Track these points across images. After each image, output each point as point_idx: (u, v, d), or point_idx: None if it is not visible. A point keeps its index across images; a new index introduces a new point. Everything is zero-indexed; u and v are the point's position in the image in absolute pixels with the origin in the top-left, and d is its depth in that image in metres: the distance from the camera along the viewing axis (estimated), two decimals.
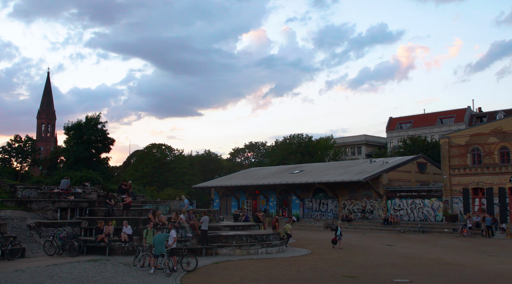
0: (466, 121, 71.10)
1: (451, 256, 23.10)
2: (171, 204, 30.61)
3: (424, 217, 42.09)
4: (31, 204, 24.50)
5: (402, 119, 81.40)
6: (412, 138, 64.62)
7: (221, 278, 15.62)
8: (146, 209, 25.90)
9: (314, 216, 50.42)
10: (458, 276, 16.73)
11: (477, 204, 39.91)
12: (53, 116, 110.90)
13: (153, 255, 16.70)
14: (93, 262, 18.49)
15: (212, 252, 21.57)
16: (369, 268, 18.37)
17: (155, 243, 16.71)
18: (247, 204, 57.62)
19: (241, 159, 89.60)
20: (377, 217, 44.79)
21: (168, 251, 16.87)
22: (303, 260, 20.93)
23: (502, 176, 38.22)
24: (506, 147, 38.61)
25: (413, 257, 22.28)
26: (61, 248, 20.30)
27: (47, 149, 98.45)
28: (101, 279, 14.85)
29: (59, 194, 25.90)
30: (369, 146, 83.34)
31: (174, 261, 16.91)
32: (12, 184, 28.88)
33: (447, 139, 42.31)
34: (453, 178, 41.11)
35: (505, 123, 39.52)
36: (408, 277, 16.24)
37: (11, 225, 21.28)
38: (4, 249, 18.43)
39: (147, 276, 15.61)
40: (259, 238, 23.34)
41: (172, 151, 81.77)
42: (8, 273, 15.52)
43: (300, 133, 76.20)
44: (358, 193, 47.02)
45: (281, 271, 17.39)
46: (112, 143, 55.16)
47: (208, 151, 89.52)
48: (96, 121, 53.49)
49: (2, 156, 54.31)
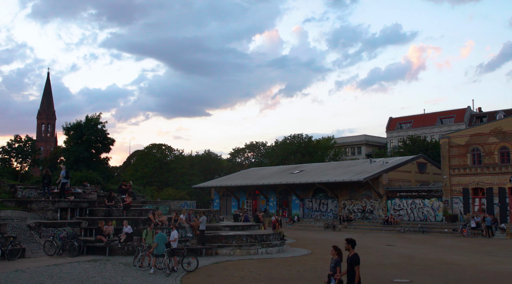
0: (466, 121, 71.10)
1: (451, 256, 23.11)
2: (171, 204, 30.61)
3: (424, 217, 42.08)
4: (31, 204, 24.49)
5: (402, 119, 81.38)
6: (412, 138, 64.60)
7: (221, 278, 15.62)
8: (146, 209, 25.90)
9: (314, 216, 50.41)
10: (458, 276, 16.74)
11: (477, 204, 39.91)
12: (53, 117, 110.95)
13: (154, 255, 16.70)
14: (93, 262, 18.49)
15: (212, 252, 21.58)
16: (369, 268, 18.37)
17: (157, 242, 16.72)
18: (247, 204, 57.63)
19: (241, 159, 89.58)
20: (377, 217, 44.79)
21: (169, 251, 16.88)
22: (303, 260, 20.94)
23: (502, 176, 38.22)
24: (506, 147, 38.61)
25: (413, 257, 22.28)
26: (61, 248, 20.29)
27: (47, 149, 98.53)
28: (101, 279, 14.85)
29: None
30: (369, 146, 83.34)
31: (174, 261, 16.92)
32: (12, 184, 28.85)
33: (447, 140, 42.31)
34: (453, 178, 41.11)
35: (505, 123, 39.52)
36: (408, 277, 16.24)
37: (11, 225, 21.28)
38: (4, 249, 18.43)
39: (147, 276, 15.61)
40: (259, 238, 23.35)
41: (172, 151, 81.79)
42: (8, 273, 15.52)
43: (300, 134, 76.31)
44: (358, 193, 47.02)
45: (281, 271, 17.39)
46: (112, 143, 55.15)
47: (208, 151, 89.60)
48: (96, 122, 53.49)
49: (2, 156, 54.34)
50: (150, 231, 18.85)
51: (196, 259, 17.66)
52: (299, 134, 76.06)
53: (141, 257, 17.54)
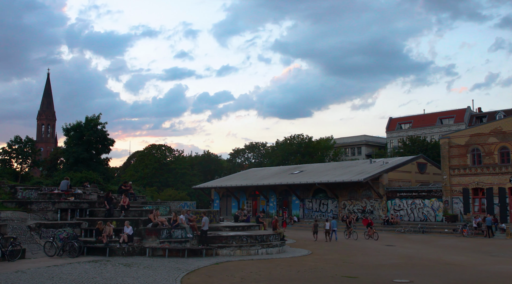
0: (466, 121, 71.10)
1: (451, 256, 23.11)
2: (171, 204, 30.62)
3: (424, 217, 42.10)
4: (31, 205, 24.49)
5: (402, 119, 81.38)
6: (412, 138, 64.61)
7: (221, 279, 15.62)
8: (146, 210, 25.91)
9: (314, 216, 50.40)
10: (458, 276, 16.73)
11: (477, 204, 39.92)
12: (53, 117, 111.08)
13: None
14: (93, 263, 18.49)
15: (212, 253, 21.58)
16: (369, 269, 18.38)
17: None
18: (247, 205, 57.63)
19: (241, 160, 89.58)
20: (377, 217, 44.79)
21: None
22: (303, 260, 20.94)
23: (502, 176, 38.23)
24: (506, 147, 38.62)
25: (413, 257, 22.29)
26: (61, 249, 20.30)
27: (47, 149, 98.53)
28: (101, 280, 14.85)
29: (59, 194, 25.91)
30: (369, 146, 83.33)
31: None
32: (12, 185, 28.85)
33: (447, 140, 42.32)
34: (453, 178, 41.12)
35: (505, 123, 39.53)
36: (408, 277, 16.24)
37: (11, 226, 21.28)
38: (4, 250, 18.43)
39: (147, 277, 15.61)
40: (259, 239, 23.35)
41: (172, 151, 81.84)
42: (8, 274, 15.53)
43: (300, 134, 76.30)
44: (358, 193, 47.02)
45: (282, 271, 17.39)
46: (112, 143, 55.12)
47: (207, 152, 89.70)
48: (96, 122, 53.46)
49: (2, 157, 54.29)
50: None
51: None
52: (299, 134, 76.11)
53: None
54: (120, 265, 17.95)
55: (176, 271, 16.91)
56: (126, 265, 17.95)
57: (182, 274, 16.31)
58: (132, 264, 18.22)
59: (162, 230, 22.00)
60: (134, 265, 18.09)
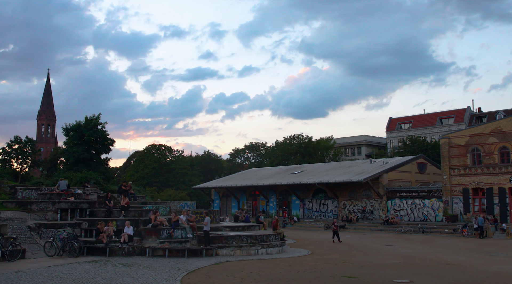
0: (466, 121, 71.10)
1: (451, 256, 23.11)
2: (171, 204, 30.62)
3: (424, 217, 42.09)
4: (31, 205, 24.51)
5: (402, 119, 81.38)
6: (412, 138, 64.61)
7: (221, 279, 15.62)
8: (146, 210, 25.91)
9: (314, 216, 50.41)
10: (459, 276, 16.73)
11: (477, 204, 39.91)
12: (53, 118, 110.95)
13: None
14: (93, 263, 18.50)
15: (212, 253, 21.58)
16: (369, 269, 18.38)
17: None
18: (247, 205, 57.62)
19: (241, 160, 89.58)
20: (377, 217, 44.79)
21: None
22: (303, 260, 20.94)
23: (502, 176, 38.23)
24: (506, 147, 38.62)
25: (413, 257, 22.28)
26: (61, 249, 20.30)
27: (47, 150, 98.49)
28: (101, 280, 14.85)
29: (59, 195, 25.92)
30: (369, 146, 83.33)
31: None
32: (12, 185, 28.88)
33: (447, 140, 42.32)
34: (453, 178, 41.11)
35: (505, 123, 39.52)
36: (408, 277, 16.24)
37: (12, 226, 21.30)
38: (4, 250, 18.44)
39: (147, 277, 15.61)
40: (259, 239, 23.35)
41: (172, 151, 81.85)
42: (8, 274, 15.53)
43: (300, 134, 76.32)
44: (358, 194, 47.02)
45: (282, 271, 17.39)
46: (112, 143, 55.13)
47: (207, 152, 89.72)
48: (95, 122, 53.45)
49: (2, 157, 54.27)
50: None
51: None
52: (299, 134, 76.12)
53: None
54: (120, 265, 17.96)
55: (176, 271, 16.91)
56: (126, 265, 17.96)
57: (182, 274, 16.32)
58: (132, 264, 18.22)
59: (162, 230, 22.01)
60: (134, 265, 18.09)
